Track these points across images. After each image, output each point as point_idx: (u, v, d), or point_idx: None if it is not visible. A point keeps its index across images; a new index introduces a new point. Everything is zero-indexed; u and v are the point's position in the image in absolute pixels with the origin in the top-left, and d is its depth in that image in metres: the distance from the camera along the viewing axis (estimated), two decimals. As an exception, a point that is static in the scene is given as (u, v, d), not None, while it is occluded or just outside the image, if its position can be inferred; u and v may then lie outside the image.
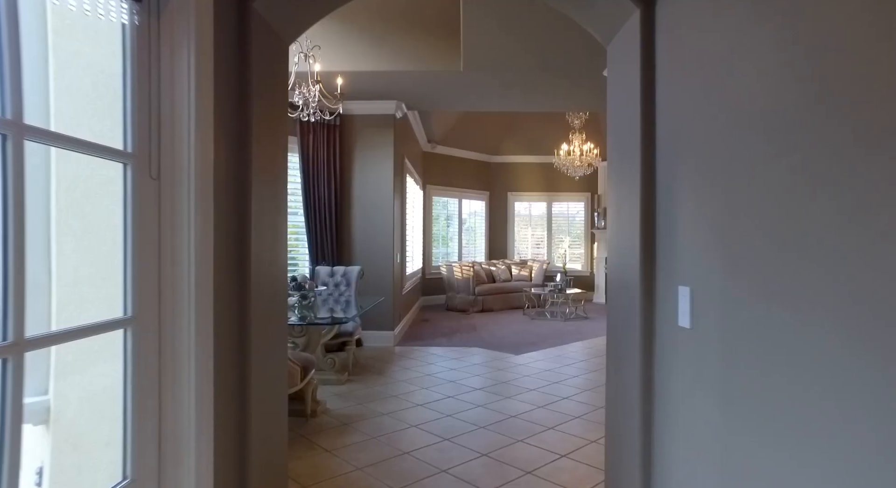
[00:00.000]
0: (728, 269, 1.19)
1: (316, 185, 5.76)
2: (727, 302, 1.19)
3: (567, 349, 5.95)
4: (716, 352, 1.24)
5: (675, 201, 1.49)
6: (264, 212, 1.79)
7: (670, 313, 1.51)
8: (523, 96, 5.87)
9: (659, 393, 1.59)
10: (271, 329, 1.88)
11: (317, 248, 5.79)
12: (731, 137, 1.18)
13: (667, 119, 1.57)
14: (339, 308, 4.75)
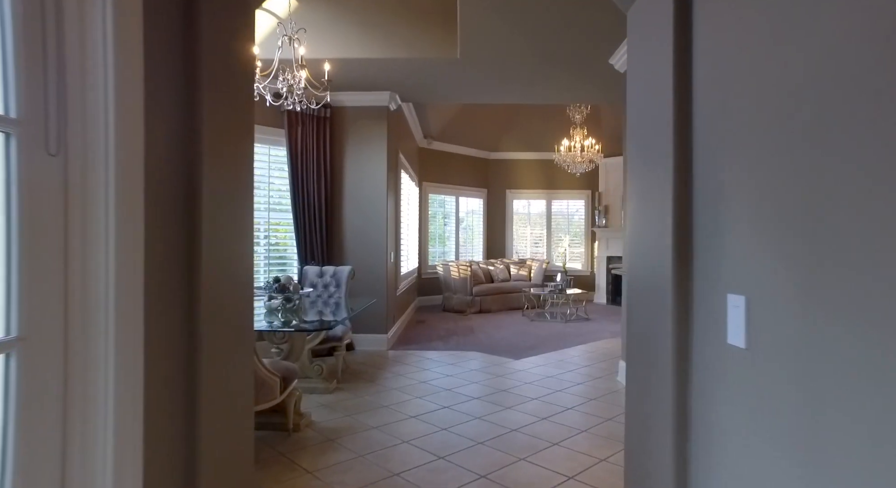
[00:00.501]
0: (813, 277, 0.90)
1: (305, 181, 5.46)
2: (810, 317, 0.90)
3: (569, 353, 5.67)
4: (791, 381, 0.95)
5: (724, 193, 1.20)
6: (221, 204, 1.49)
7: (713, 327, 1.23)
8: (522, 88, 5.58)
9: (697, 428, 1.30)
10: (232, 341, 1.59)
11: (306, 248, 5.49)
12: (823, 110, 0.89)
13: (710, 93, 1.28)
14: (328, 310, 4.46)
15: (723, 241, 1.20)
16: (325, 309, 4.54)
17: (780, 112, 1.00)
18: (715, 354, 1.22)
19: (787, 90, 0.97)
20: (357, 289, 5.77)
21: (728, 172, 1.19)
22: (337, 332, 4.40)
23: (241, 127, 1.69)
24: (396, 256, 6.56)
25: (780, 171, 0.99)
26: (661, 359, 1.45)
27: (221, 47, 1.50)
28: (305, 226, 5.47)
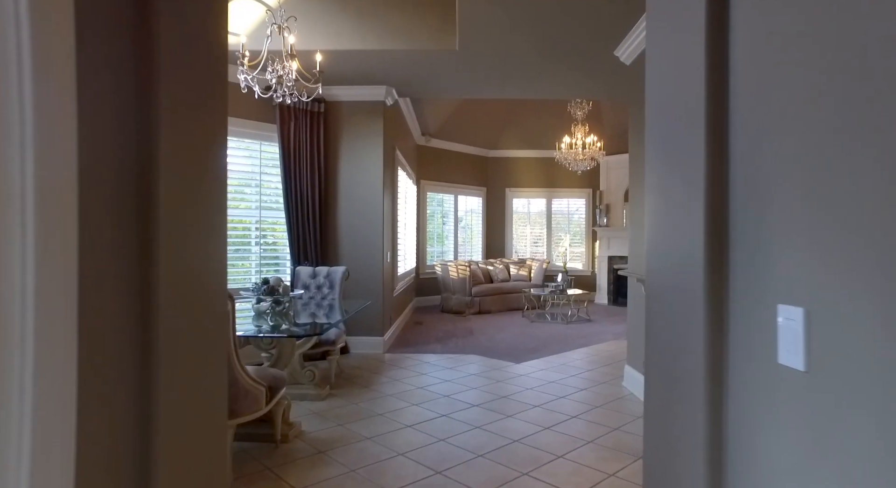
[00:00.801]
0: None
1: (298, 178, 5.26)
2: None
3: (571, 356, 5.49)
4: (873, 419, 0.76)
5: (774, 185, 1.01)
6: (185, 200, 1.30)
7: (757, 343, 1.04)
8: (523, 82, 5.39)
9: (736, 460, 1.11)
10: (201, 349, 1.40)
11: (299, 247, 5.29)
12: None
13: (753, 68, 1.09)
14: (321, 313, 4.28)
15: (771, 243, 1.01)
16: (318, 311, 4.35)
17: (851, 85, 0.81)
18: (760, 375, 1.03)
19: (863, 59, 0.78)
20: (352, 290, 5.57)
21: (780, 161, 0.99)
22: (330, 336, 4.21)
23: (211, 117, 1.50)
24: (393, 256, 6.37)
25: (860, 157, 0.80)
26: (689, 377, 1.27)
27: (185, 23, 1.31)
28: (298, 225, 5.28)
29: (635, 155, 4.23)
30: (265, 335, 2.97)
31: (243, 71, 3.45)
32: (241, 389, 2.48)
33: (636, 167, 4.22)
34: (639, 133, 4.13)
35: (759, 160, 1.05)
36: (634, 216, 4.26)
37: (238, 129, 4.87)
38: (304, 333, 3.17)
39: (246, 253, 5.16)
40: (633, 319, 4.25)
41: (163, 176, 1.20)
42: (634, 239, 4.24)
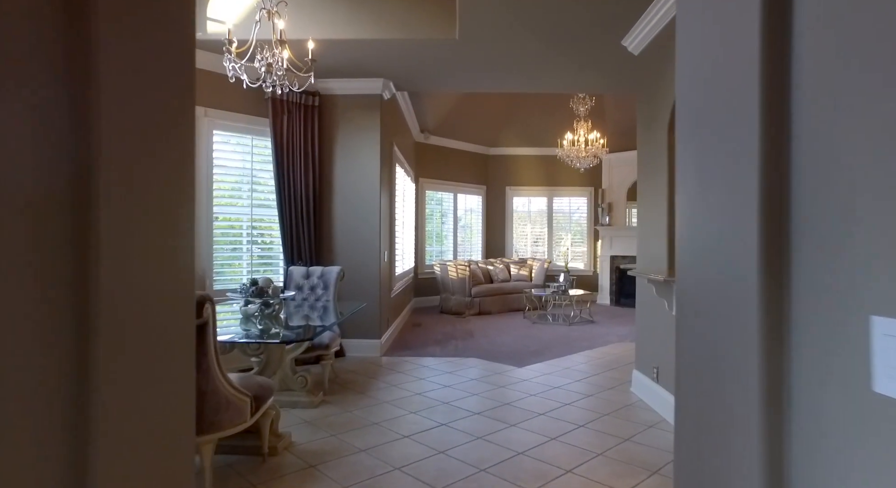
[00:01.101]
0: None
1: (291, 175, 5.05)
2: None
3: (575, 360, 5.28)
4: None
5: (866, 169, 0.80)
6: (134, 187, 1.09)
7: (840, 366, 0.84)
8: (526, 75, 5.19)
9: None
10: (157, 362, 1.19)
11: (292, 247, 5.08)
12: None
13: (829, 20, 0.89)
14: (315, 315, 4.07)
15: (861, 240, 0.80)
16: (311, 313, 4.15)
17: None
18: (843, 406, 0.83)
19: None
20: (348, 291, 5.37)
21: (872, 135, 0.79)
22: (324, 339, 4.00)
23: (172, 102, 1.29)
24: (391, 256, 6.16)
25: None
26: (737, 403, 1.06)
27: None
28: (292, 223, 5.07)
29: (645, 150, 4.02)
30: (250, 340, 2.76)
31: (230, 59, 3.24)
32: (222, 400, 2.28)
33: (646, 162, 4.01)
34: (648, 126, 3.93)
35: (840, 137, 0.85)
36: (644, 214, 4.05)
37: (228, 124, 4.66)
38: (293, 338, 2.96)
39: (238, 252, 4.95)
40: (643, 321, 4.05)
41: (103, 154, 0.99)
42: (644, 237, 4.04)
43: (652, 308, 3.80)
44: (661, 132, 3.61)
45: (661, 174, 3.63)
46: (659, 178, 3.66)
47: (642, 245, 4.08)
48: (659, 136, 3.66)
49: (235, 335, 2.98)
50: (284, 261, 5.08)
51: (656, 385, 3.69)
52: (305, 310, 4.26)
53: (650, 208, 3.87)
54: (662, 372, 3.60)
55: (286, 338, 2.96)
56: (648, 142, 3.92)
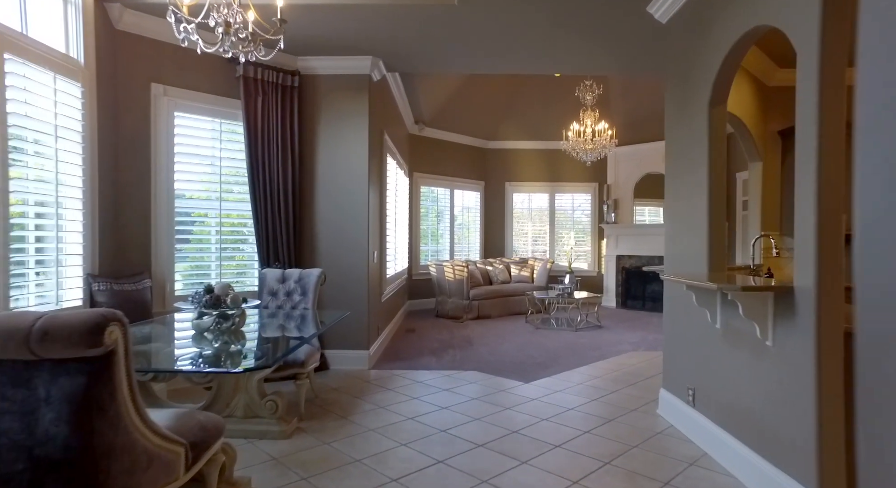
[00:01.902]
0: None
1: (267, 164, 4.44)
2: None
3: (587, 373, 4.71)
4: None
5: None
6: None
7: None
8: (532, 52, 4.60)
9: None
10: None
11: (268, 246, 4.48)
12: None
13: None
14: (292, 325, 3.49)
15: None
16: (287, 323, 3.56)
17: None
18: None
19: None
20: (332, 296, 4.78)
21: None
22: (299, 355, 3.40)
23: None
24: (381, 256, 5.57)
25: None
26: None
27: None
28: (267, 220, 4.46)
29: (677, 135, 3.44)
30: (181, 371, 2.15)
31: (177, 15, 2.63)
32: (141, 456, 1.68)
33: (678, 150, 3.43)
34: (682, 108, 3.35)
35: None
36: (674, 209, 3.48)
37: (193, 104, 4.05)
38: (253, 365, 2.32)
39: (206, 253, 4.34)
40: (673, 333, 3.47)
41: None
42: (675, 235, 3.46)
43: (686, 318, 3.23)
44: (701, 113, 3.03)
45: (700, 162, 3.05)
46: (698, 167, 3.08)
47: (672, 244, 3.50)
48: (698, 119, 3.08)
49: (181, 358, 2.38)
50: (259, 262, 4.47)
51: (692, 410, 3.12)
52: (280, 319, 3.67)
53: (684, 202, 3.29)
54: (701, 395, 3.02)
55: (246, 365, 2.33)
56: (682, 126, 3.34)
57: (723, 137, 2.94)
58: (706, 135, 2.96)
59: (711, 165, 2.94)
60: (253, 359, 2.40)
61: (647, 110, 8.85)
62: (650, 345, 5.99)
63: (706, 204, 2.97)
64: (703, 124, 3.01)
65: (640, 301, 9.02)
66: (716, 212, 2.94)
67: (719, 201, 2.94)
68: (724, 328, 2.74)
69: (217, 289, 2.68)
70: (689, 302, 3.13)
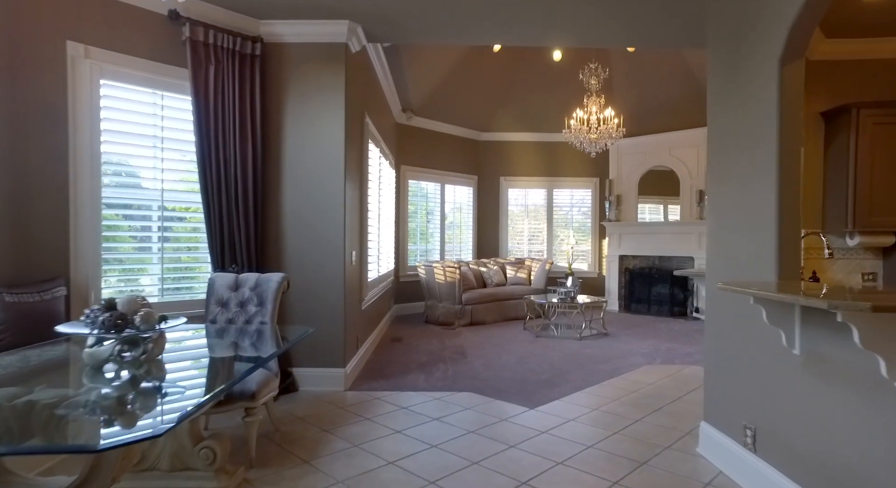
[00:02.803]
0: None
1: (222, 147, 3.70)
2: None
3: (602, 395, 4.02)
4: None
5: None
6: None
7: None
8: (533, 24, 3.91)
9: None
10: None
11: (222, 246, 3.74)
12: None
13: None
14: (247, 343, 2.75)
15: None
16: (241, 340, 2.83)
17: None
18: None
19: None
20: (302, 305, 4.05)
21: None
22: (249, 386, 2.67)
23: None
24: (362, 257, 4.84)
25: None
26: None
27: None
28: (221, 213, 3.72)
29: (727, 111, 2.77)
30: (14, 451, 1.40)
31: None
32: None
33: (729, 129, 2.76)
34: (734, 79, 2.67)
35: None
36: (723, 200, 2.80)
37: (125, 71, 3.29)
38: (148, 434, 1.47)
39: (146, 253, 3.58)
40: (719, 350, 2.80)
41: None
42: (723, 233, 2.79)
43: (743, 338, 2.55)
44: (766, 74, 2.35)
45: (763, 138, 2.37)
46: (760, 144, 2.40)
47: (717, 244, 2.82)
48: (760, 83, 2.40)
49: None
50: (212, 265, 3.73)
51: (751, 455, 2.44)
52: (232, 336, 2.94)
53: (736, 190, 2.62)
54: (767, 438, 2.34)
55: (133, 435, 1.50)
56: (735, 96, 2.66)
57: (799, 104, 2.27)
58: (775, 101, 2.28)
59: (782, 141, 2.26)
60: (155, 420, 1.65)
61: (653, 99, 8.20)
62: (665, 356, 5.33)
63: (774, 191, 2.28)
64: (769, 88, 2.32)
65: (645, 304, 8.38)
66: (788, 203, 2.26)
67: (792, 188, 2.27)
68: (809, 355, 2.06)
69: (121, 305, 1.95)
70: (747, 317, 2.45)
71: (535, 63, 8.14)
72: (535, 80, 8.42)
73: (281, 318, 3.99)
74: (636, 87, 8.15)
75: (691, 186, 7.94)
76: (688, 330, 6.89)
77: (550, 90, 8.48)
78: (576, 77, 7.55)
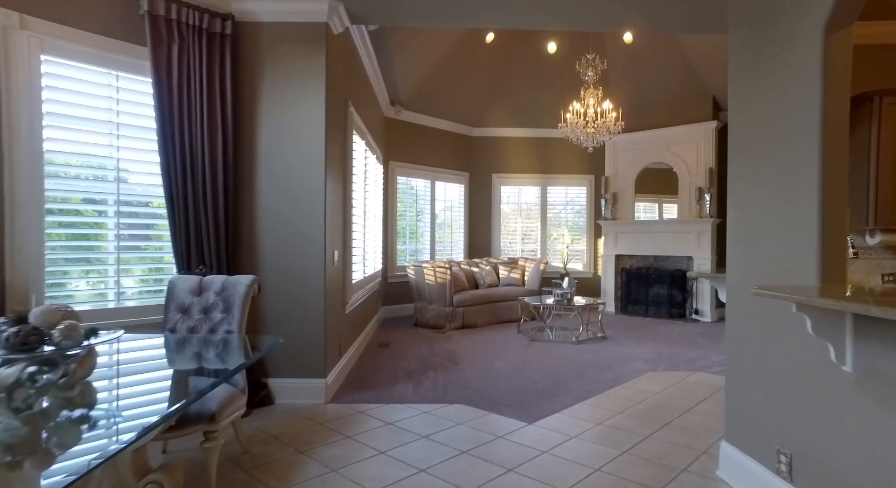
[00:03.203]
0: None
1: (188, 135, 3.33)
2: None
3: (606, 406, 3.71)
4: None
5: None
6: None
7: None
8: (533, 4, 3.58)
9: None
10: None
11: (187, 245, 3.37)
12: None
13: None
14: (211, 354, 2.40)
15: None
16: (204, 351, 2.47)
17: None
18: None
19: None
20: (279, 310, 3.70)
21: None
22: (209, 406, 2.31)
23: None
24: (345, 258, 4.49)
25: None
26: None
27: None
28: (188, 208, 3.35)
29: (748, 90, 2.46)
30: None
31: None
32: None
33: (751, 108, 2.45)
34: (762, 47, 2.36)
35: None
36: (749, 196, 2.50)
37: (72, 47, 2.91)
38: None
39: (98, 253, 3.19)
40: (743, 360, 2.49)
41: None
42: (743, 231, 2.48)
43: (775, 348, 2.24)
44: (807, 46, 2.05)
45: (801, 120, 2.07)
46: (797, 128, 2.09)
47: (740, 243, 2.51)
48: (798, 57, 2.10)
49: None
50: (177, 266, 3.35)
51: (786, 484, 2.13)
52: (194, 346, 2.57)
53: (766, 181, 2.31)
54: (806, 466, 2.03)
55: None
56: (765, 75, 2.35)
57: (846, 80, 1.97)
58: (818, 78, 1.98)
59: (827, 124, 1.95)
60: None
61: (651, 93, 7.93)
62: (668, 362, 5.03)
63: (817, 184, 1.98)
64: (810, 64, 2.02)
65: (642, 306, 8.10)
66: (834, 197, 1.96)
67: (839, 179, 1.96)
68: (864, 373, 1.75)
69: (35, 317, 1.59)
70: (782, 326, 2.14)
71: (529, 55, 7.83)
72: (528, 74, 8.11)
73: (254, 326, 3.63)
74: (633, 80, 7.87)
75: (690, 183, 7.66)
76: (688, 333, 6.61)
77: (544, 84, 8.18)
78: (570, 71, 7.25)
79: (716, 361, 5.05)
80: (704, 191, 7.43)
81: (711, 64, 7.03)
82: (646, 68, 7.62)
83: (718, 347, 5.69)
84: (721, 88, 7.31)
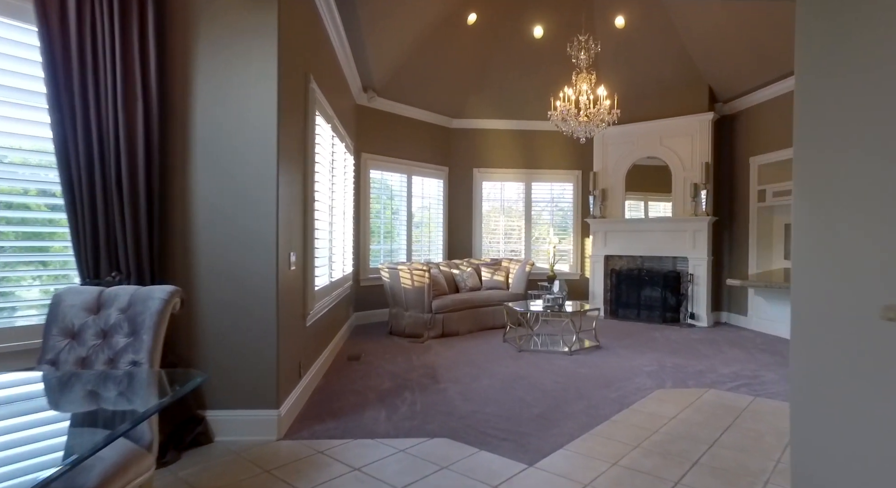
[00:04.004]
0: None
1: (93, 107, 2.60)
2: None
3: (618, 439, 3.11)
4: None
5: None
6: None
7: None
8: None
9: None
10: None
11: (95, 247, 2.63)
12: None
13: None
14: (109, 394, 1.71)
15: None
16: (102, 389, 1.77)
17: None
18: None
19: None
20: (219, 326, 2.99)
21: None
22: (83, 483, 1.61)
23: None
24: (306, 261, 3.79)
25: None
26: None
27: None
28: (94, 202, 2.62)
29: (824, 57, 1.87)
30: None
31: None
32: None
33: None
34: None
35: None
36: (814, 178, 1.91)
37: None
38: None
39: (-20, 257, 2.44)
40: (819, 396, 1.90)
41: None
42: (818, 225, 1.90)
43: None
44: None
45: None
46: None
47: (816, 241, 1.92)
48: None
49: None
50: (80, 274, 2.62)
51: (897, 574, 1.54)
52: (87, 382, 1.87)
53: (871, 163, 1.72)
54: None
55: None
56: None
57: None
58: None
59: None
60: None
61: (643, 83, 7.42)
62: (674, 376, 4.48)
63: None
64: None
65: (633, 310, 7.59)
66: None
67: None
68: None
69: None
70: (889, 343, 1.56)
71: (514, 40, 7.24)
72: (513, 60, 7.52)
73: (185, 349, 2.91)
74: (624, 69, 7.35)
75: (685, 179, 7.18)
76: (687, 340, 6.11)
77: (530, 72, 7.60)
78: (558, 58, 6.69)
79: (725, 374, 4.53)
80: (700, 188, 6.96)
81: (708, 51, 6.55)
82: (638, 56, 7.11)
83: (723, 357, 5.19)
84: (718, 78, 6.84)
